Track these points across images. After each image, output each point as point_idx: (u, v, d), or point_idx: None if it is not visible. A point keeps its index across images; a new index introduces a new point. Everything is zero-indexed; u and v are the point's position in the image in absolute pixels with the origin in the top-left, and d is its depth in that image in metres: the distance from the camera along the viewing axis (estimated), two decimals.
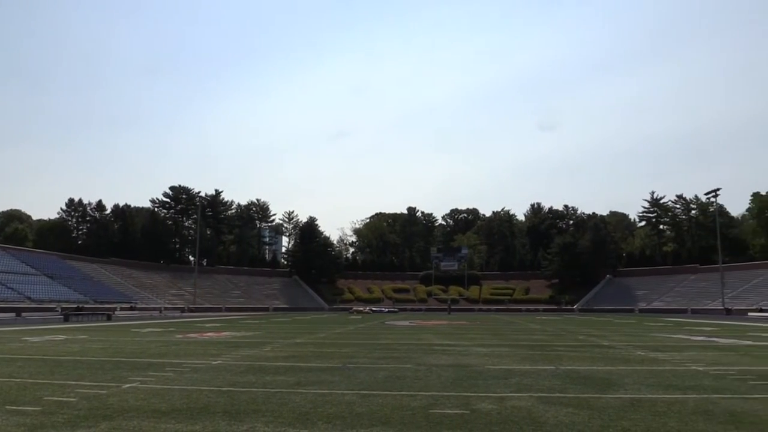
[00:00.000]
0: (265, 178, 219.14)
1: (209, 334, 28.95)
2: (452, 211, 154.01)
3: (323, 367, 14.08)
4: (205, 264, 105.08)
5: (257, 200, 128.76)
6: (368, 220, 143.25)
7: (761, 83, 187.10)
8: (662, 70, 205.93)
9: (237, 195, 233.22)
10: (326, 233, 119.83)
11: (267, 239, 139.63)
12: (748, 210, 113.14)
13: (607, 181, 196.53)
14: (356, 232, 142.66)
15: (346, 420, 7.63)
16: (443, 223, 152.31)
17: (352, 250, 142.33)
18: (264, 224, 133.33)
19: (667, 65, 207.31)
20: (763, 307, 66.87)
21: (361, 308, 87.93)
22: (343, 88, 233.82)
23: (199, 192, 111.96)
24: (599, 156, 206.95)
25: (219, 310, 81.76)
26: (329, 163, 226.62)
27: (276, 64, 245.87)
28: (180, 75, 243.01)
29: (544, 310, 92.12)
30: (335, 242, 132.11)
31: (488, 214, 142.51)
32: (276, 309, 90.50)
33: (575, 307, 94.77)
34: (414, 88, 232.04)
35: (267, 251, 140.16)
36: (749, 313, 65.13)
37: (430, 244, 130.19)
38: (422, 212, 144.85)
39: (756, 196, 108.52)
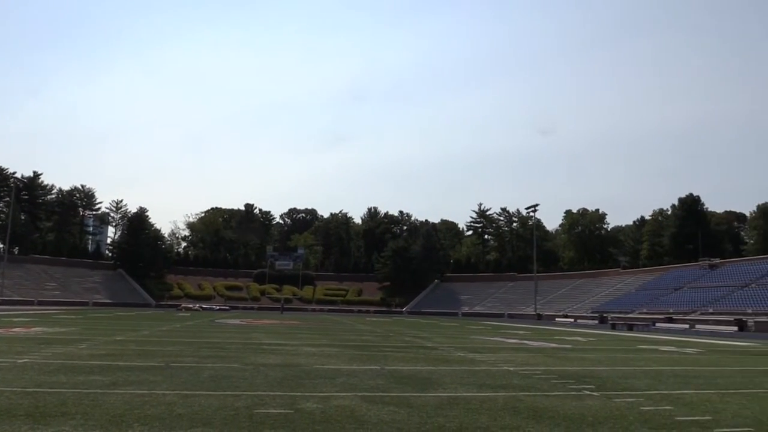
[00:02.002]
0: (93, 163, 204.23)
1: (17, 329, 26.37)
2: (290, 210, 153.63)
3: (144, 366, 13.39)
4: (16, 252, 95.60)
5: (81, 186, 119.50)
6: (203, 215, 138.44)
7: (569, 111, 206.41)
8: (488, 91, 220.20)
9: (60, 179, 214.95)
10: (157, 225, 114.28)
11: (91, 229, 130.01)
12: (560, 225, 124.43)
13: (440, 191, 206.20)
14: (190, 226, 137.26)
15: (164, 421, 7.32)
16: (281, 222, 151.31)
17: (184, 244, 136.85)
18: (88, 212, 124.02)
19: (486, 88, 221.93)
20: (569, 313, 73.72)
21: (191, 305, 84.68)
22: (185, 79, 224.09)
23: (15, 173, 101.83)
24: (432, 166, 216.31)
25: (31, 303, 74.83)
26: (163, 153, 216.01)
27: (111, 41, 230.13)
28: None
29: (375, 312, 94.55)
30: (166, 235, 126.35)
31: (326, 215, 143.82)
32: (97, 304, 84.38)
33: (404, 309, 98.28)
34: (259, 85, 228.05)
35: (90, 241, 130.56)
36: (556, 319, 71.58)
37: (267, 243, 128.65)
38: (260, 210, 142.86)
39: (568, 213, 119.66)
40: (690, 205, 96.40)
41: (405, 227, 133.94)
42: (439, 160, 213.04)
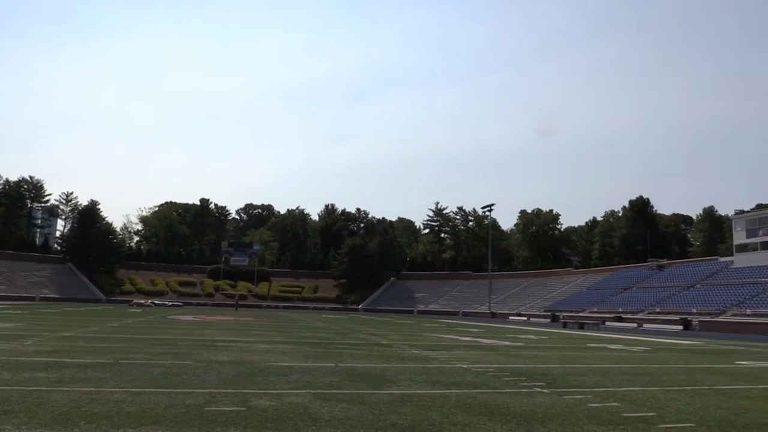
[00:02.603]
0: (42, 154, 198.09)
1: None
2: (247, 206, 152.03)
3: (92, 363, 13.08)
4: None
5: (30, 177, 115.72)
6: (157, 209, 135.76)
7: (526, 114, 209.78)
8: (457, 90, 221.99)
9: (6, 170, 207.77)
10: (109, 219, 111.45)
11: (39, 221, 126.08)
12: (515, 225, 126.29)
13: (397, 189, 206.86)
14: (143, 220, 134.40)
15: (112, 419, 7.17)
16: (237, 217, 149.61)
17: (136, 238, 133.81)
18: (36, 204, 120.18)
19: (459, 86, 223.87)
20: (522, 312, 74.87)
21: (143, 301, 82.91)
22: (141, 69, 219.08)
23: None
24: (390, 165, 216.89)
25: None
26: (116, 145, 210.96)
27: (65, 24, 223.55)
28: None
29: (331, 309, 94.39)
30: (118, 229, 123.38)
31: (283, 211, 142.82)
32: (44, 299, 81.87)
33: (360, 306, 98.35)
34: (214, 79, 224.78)
35: (38, 234, 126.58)
36: (510, 317, 72.63)
37: (222, 238, 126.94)
38: (216, 204, 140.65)
39: (523, 213, 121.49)
40: (640, 207, 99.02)
41: (362, 225, 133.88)
42: (397, 159, 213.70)
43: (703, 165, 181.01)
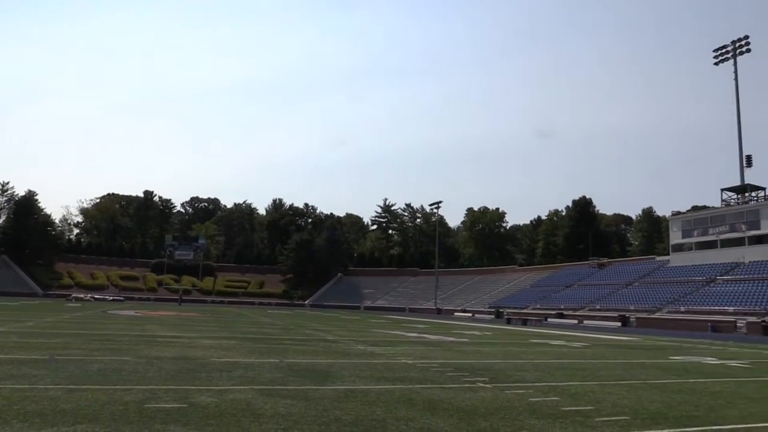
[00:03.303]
0: None
1: None
2: (192, 199, 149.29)
3: (26, 360, 12.64)
4: None
5: None
6: (98, 201, 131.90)
7: (475, 114, 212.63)
8: (404, 89, 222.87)
9: None
10: (47, 210, 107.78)
11: None
12: (462, 223, 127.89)
13: (346, 185, 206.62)
14: (83, 212, 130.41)
15: (47, 418, 6.93)
16: (182, 210, 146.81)
17: (77, 231, 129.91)
18: None
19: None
20: (467, 308, 75.88)
21: (82, 295, 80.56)
22: (85, 57, 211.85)
23: None
24: (339, 160, 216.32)
25: None
26: (57, 134, 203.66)
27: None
28: None
29: (277, 304, 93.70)
30: (57, 221, 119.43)
31: (230, 205, 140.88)
32: None
33: (307, 302, 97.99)
34: (162, 68, 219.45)
35: None
36: (455, 313, 73.54)
37: (166, 231, 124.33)
38: (160, 197, 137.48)
39: (470, 211, 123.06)
40: (583, 207, 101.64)
41: (310, 220, 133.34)
42: (346, 155, 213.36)
43: (643, 167, 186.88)
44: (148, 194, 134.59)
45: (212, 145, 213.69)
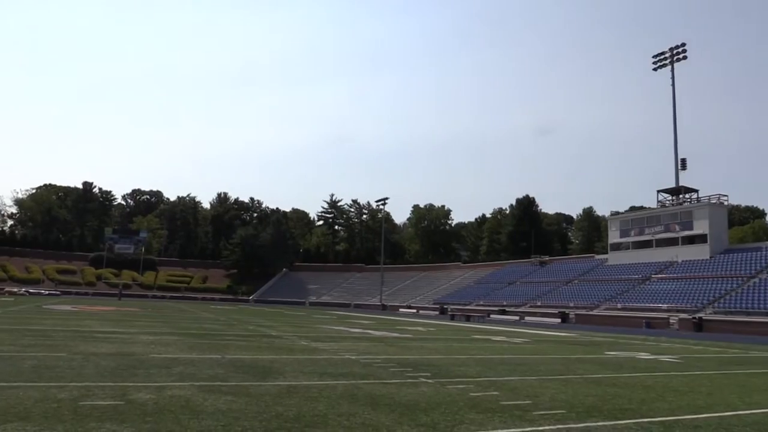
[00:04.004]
0: None
1: None
2: (134, 191, 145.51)
3: None
4: None
5: None
6: (34, 191, 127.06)
7: (419, 111, 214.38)
8: (350, 83, 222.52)
9: None
10: None
11: None
12: (408, 219, 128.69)
13: (292, 180, 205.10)
14: (18, 203, 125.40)
15: None
16: (123, 203, 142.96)
17: (10, 222, 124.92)
18: None
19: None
20: (412, 304, 76.47)
21: (16, 290, 77.69)
22: (11, 37, 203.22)
23: None
24: (285, 154, 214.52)
25: None
26: None
27: None
28: None
29: (221, 300, 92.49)
30: None
31: (173, 198, 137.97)
32: None
33: (251, 297, 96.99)
34: (93, 53, 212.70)
35: None
36: (400, 309, 74.03)
37: (106, 224, 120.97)
38: (100, 189, 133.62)
39: (416, 207, 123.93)
40: (526, 206, 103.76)
41: (255, 214, 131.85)
42: (293, 149, 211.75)
43: (585, 168, 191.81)
44: (88, 185, 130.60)
45: (155, 136, 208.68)
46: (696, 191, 59.25)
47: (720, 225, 56.43)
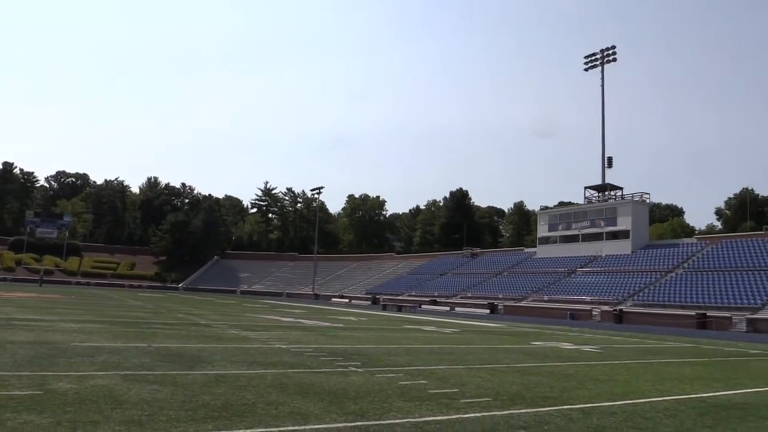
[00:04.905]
0: None
1: None
2: (59, 173, 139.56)
3: None
4: None
5: None
6: None
7: (357, 100, 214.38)
8: (296, 69, 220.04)
9: None
10: None
11: None
12: (343, 209, 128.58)
13: (226, 166, 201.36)
14: None
15: None
16: (46, 185, 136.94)
17: None
18: None
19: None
20: (345, 294, 76.59)
21: None
22: None
23: None
24: (219, 140, 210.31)
25: None
26: None
27: None
28: None
29: (149, 287, 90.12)
30: None
31: (100, 181, 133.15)
32: None
33: (181, 285, 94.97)
34: (24, 30, 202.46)
35: None
36: (333, 299, 74.04)
37: (27, 207, 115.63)
38: (21, 169, 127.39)
39: (350, 197, 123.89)
40: (459, 198, 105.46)
41: (187, 200, 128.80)
42: (227, 135, 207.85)
43: (517, 163, 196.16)
44: (8, 166, 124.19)
45: (82, 116, 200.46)
46: (621, 189, 61.66)
47: (642, 222, 59.01)
